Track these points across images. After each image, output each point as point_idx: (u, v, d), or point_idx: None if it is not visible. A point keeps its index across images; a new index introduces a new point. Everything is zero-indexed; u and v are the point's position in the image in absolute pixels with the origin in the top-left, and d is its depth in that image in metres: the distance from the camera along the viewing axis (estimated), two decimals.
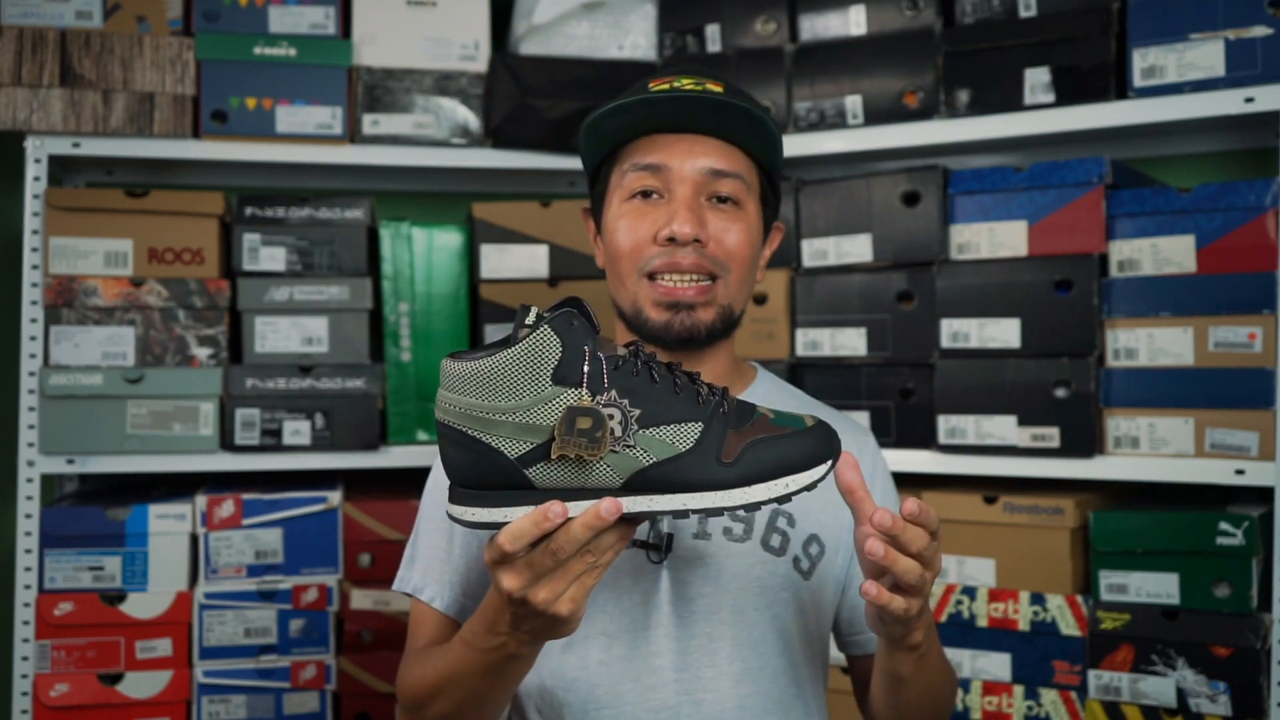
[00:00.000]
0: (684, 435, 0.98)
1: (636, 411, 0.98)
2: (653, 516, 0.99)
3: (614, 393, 0.97)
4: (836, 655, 1.48)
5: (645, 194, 1.28)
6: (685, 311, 1.26)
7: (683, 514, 0.98)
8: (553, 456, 0.96)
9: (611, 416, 0.97)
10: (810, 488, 1.00)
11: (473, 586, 1.31)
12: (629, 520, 0.99)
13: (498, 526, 0.99)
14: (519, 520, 0.97)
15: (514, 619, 1.04)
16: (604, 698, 1.24)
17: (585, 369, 0.97)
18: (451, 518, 1.02)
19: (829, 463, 1.01)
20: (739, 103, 1.25)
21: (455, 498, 1.01)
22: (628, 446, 0.97)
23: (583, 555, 0.98)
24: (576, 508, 0.97)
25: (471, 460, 0.99)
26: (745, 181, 1.30)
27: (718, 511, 0.99)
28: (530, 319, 0.99)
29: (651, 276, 1.27)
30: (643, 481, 0.98)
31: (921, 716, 1.26)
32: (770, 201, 1.36)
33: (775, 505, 0.99)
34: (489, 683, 1.13)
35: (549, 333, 0.97)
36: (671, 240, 1.25)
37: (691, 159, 1.27)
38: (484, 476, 0.99)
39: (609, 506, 0.95)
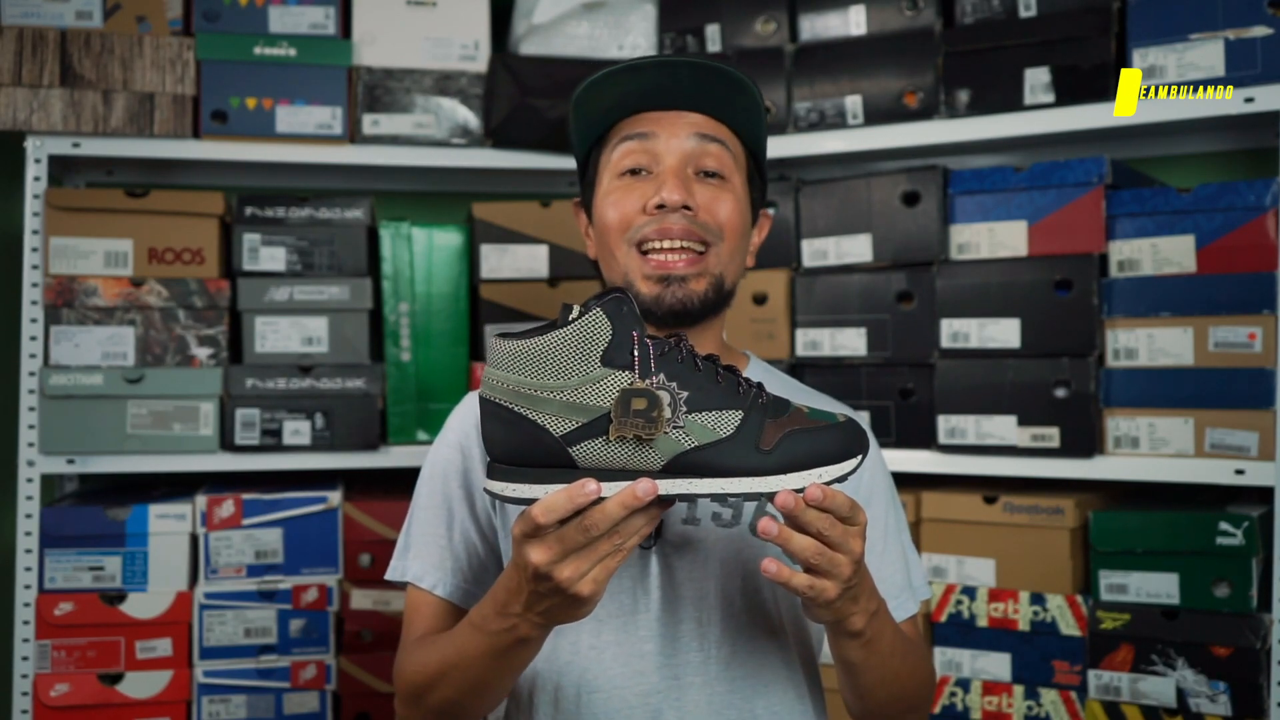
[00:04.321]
0: (725, 422, 1.01)
1: (685, 394, 1.00)
2: (689, 499, 1.01)
3: (661, 376, 1.00)
4: None
5: (634, 171, 1.30)
6: (677, 284, 1.27)
7: (721, 498, 1.01)
8: (611, 437, 0.99)
9: (662, 399, 0.99)
10: (842, 479, 1.03)
11: (473, 573, 1.32)
12: (663, 501, 1.01)
13: (535, 502, 1.01)
14: (553, 494, 0.99)
15: (531, 598, 1.05)
16: (595, 681, 1.25)
17: (634, 353, 1.00)
18: (489, 493, 1.04)
19: (859, 457, 1.04)
20: (721, 66, 1.27)
21: (494, 474, 1.03)
22: (677, 428, 1.00)
23: (611, 536, 1.00)
24: (610, 488, 0.99)
25: (516, 436, 1.01)
26: (732, 153, 1.31)
27: (755, 497, 1.01)
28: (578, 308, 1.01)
29: (642, 249, 1.27)
30: (683, 465, 1.00)
31: (885, 704, 1.27)
32: (756, 184, 1.37)
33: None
34: (495, 668, 1.14)
35: (600, 316, 1.00)
36: (660, 208, 1.26)
37: (678, 130, 1.29)
38: (527, 453, 1.01)
39: (645, 487, 0.98)
